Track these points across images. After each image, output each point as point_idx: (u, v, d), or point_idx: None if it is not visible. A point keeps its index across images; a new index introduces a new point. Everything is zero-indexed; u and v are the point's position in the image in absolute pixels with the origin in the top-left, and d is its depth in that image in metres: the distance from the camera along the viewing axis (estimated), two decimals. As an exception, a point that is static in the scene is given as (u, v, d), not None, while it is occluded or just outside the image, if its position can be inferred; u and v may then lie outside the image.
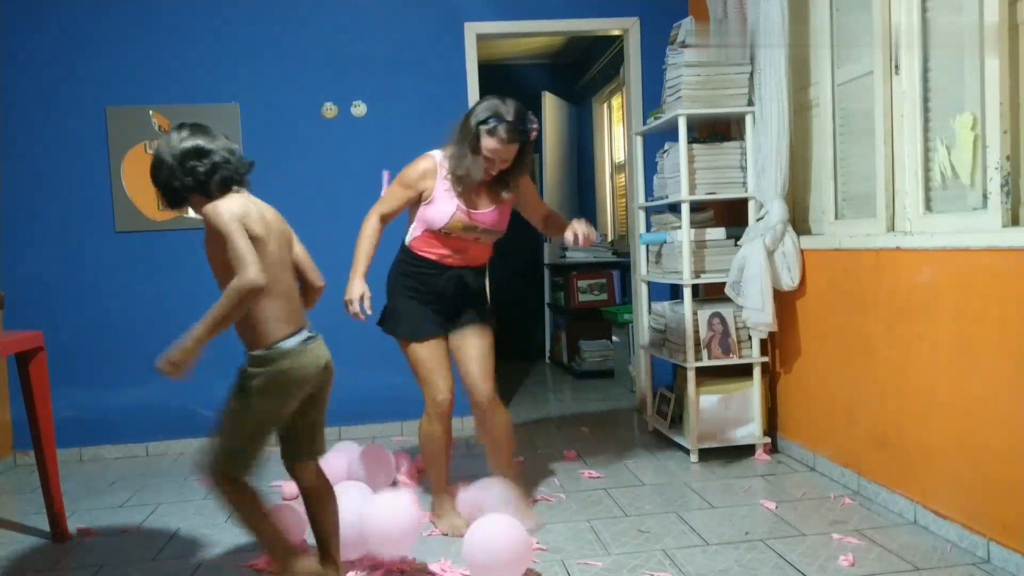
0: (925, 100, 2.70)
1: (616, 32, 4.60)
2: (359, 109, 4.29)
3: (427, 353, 2.76)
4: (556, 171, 6.64)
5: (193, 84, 4.19)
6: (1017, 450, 2.24)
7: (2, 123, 4.10)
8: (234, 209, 1.95)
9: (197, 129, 2.03)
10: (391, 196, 2.77)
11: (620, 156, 6.26)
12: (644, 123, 4.29)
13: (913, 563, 2.38)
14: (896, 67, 2.81)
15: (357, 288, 2.66)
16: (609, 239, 6.46)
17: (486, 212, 2.78)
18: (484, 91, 4.43)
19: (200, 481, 2.38)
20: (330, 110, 4.28)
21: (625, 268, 5.67)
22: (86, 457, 4.16)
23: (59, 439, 3.09)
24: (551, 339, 6.77)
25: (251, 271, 1.86)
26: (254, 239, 1.94)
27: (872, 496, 2.94)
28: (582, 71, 6.90)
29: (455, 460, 3.44)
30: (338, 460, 3.37)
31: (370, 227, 2.75)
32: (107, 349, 4.16)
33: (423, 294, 2.78)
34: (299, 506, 2.79)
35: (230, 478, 2.04)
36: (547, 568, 2.47)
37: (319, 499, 2.25)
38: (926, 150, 2.70)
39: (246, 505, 2.05)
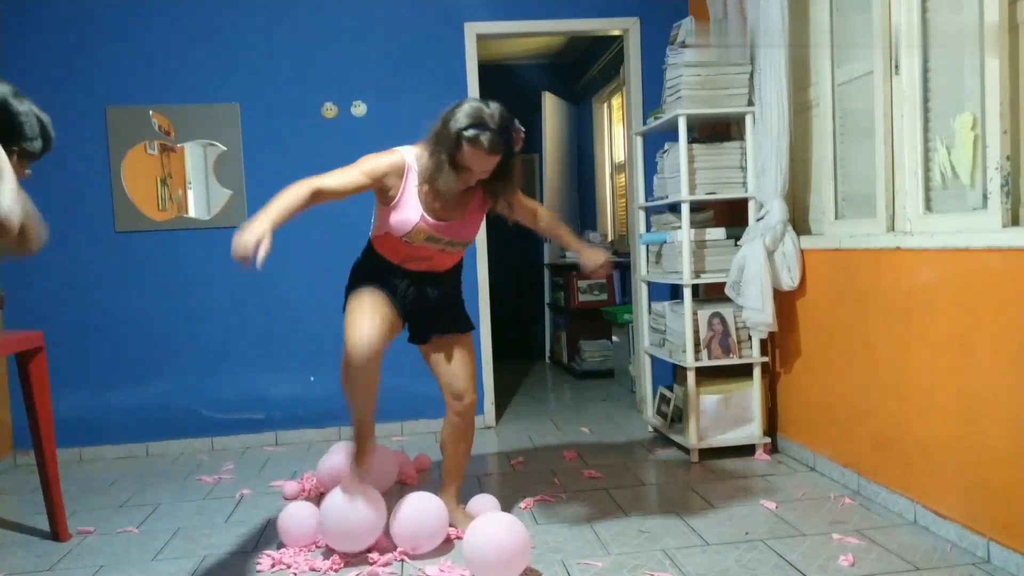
0: (925, 100, 2.70)
1: (616, 32, 4.60)
2: (359, 109, 4.29)
3: (361, 302, 2.51)
4: (556, 171, 6.64)
5: (193, 84, 4.19)
6: (1017, 450, 2.24)
7: (2, 123, 4.09)
8: None
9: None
10: (342, 175, 2.40)
11: (620, 156, 6.26)
12: (644, 123, 4.29)
13: (913, 563, 2.38)
14: (896, 67, 2.81)
15: (258, 228, 2.11)
16: (609, 239, 6.45)
17: (453, 224, 2.53)
18: (484, 91, 4.45)
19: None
20: (330, 110, 4.28)
21: (625, 268, 5.66)
22: (86, 457, 4.16)
23: (59, 439, 3.09)
24: (551, 339, 6.77)
25: None
26: None
27: (872, 496, 2.93)
28: (582, 71, 6.90)
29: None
30: (342, 461, 3.36)
31: (300, 190, 2.31)
32: (107, 349, 4.16)
33: (382, 284, 2.59)
34: (300, 507, 2.79)
35: None
36: (547, 568, 2.47)
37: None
38: (926, 150, 2.70)
39: None
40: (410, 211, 2.47)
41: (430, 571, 2.48)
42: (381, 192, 2.49)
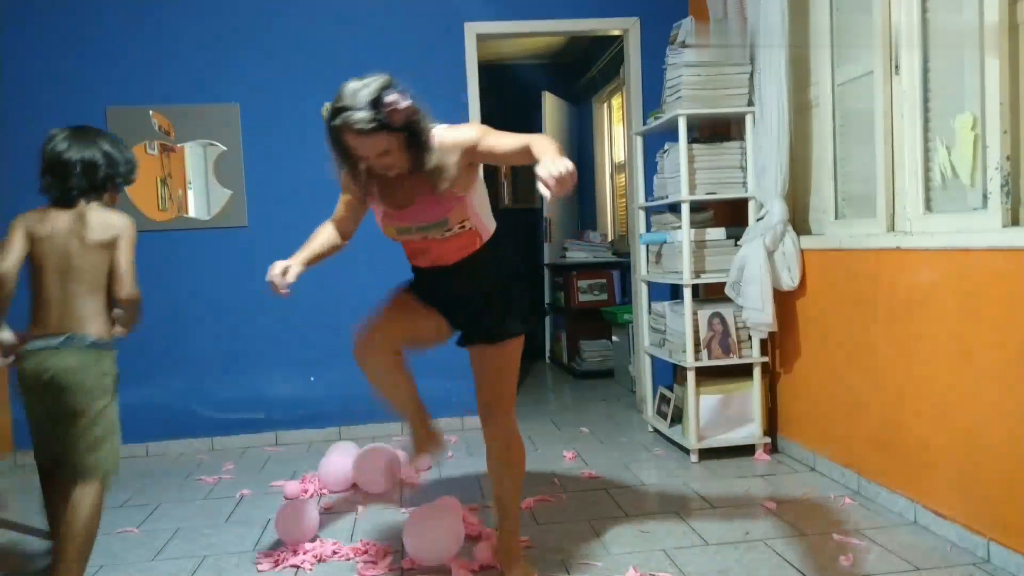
0: (925, 100, 2.70)
1: (616, 32, 4.60)
2: (359, 109, 4.28)
3: (382, 301, 2.39)
4: (556, 171, 6.63)
5: (193, 84, 4.19)
6: (1017, 450, 2.24)
7: (2, 123, 4.10)
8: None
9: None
10: (339, 201, 2.39)
11: (620, 156, 6.26)
12: (644, 123, 4.29)
13: (913, 563, 2.38)
14: (896, 67, 2.81)
15: (282, 262, 2.17)
16: (609, 239, 6.46)
17: (412, 208, 2.20)
18: (484, 91, 4.47)
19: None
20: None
21: (625, 268, 5.67)
22: (86, 457, 4.16)
23: (59, 439, 3.09)
24: (551, 339, 6.77)
25: None
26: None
27: (872, 496, 2.93)
28: (582, 71, 6.90)
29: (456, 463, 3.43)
30: (342, 461, 3.37)
31: (322, 227, 2.36)
32: (107, 349, 4.15)
33: (416, 288, 2.44)
34: (296, 505, 2.79)
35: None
36: (547, 568, 2.47)
37: None
38: (926, 150, 2.70)
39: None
40: (376, 208, 2.30)
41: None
42: (366, 201, 2.35)
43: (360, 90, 2.10)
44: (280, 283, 2.12)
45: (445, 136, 2.15)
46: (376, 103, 2.06)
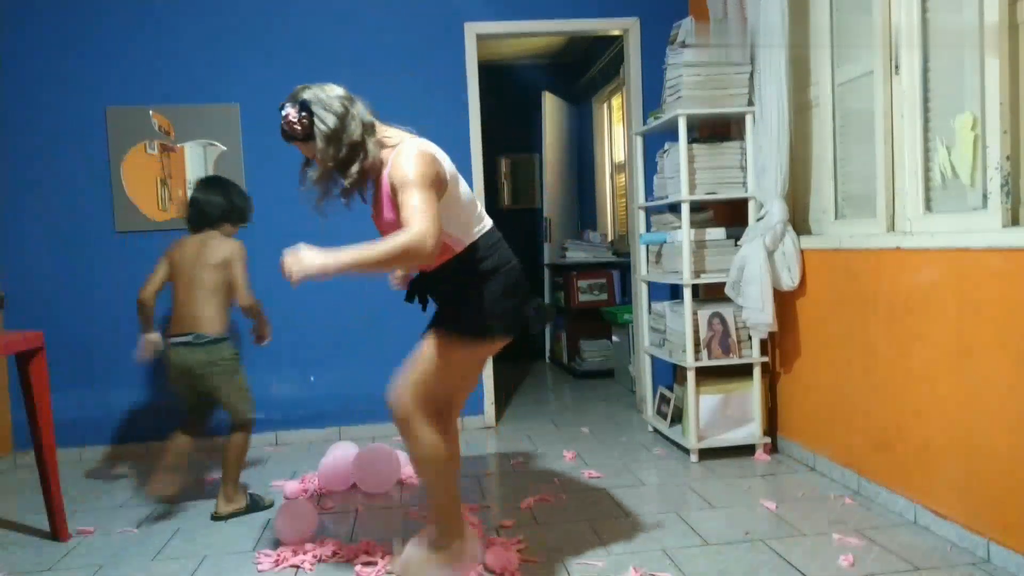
0: (925, 100, 2.70)
1: (616, 32, 4.61)
2: (359, 109, 4.28)
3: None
4: (556, 171, 6.65)
5: (193, 84, 4.19)
6: (1017, 450, 2.24)
7: (2, 123, 4.10)
8: None
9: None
10: None
11: (620, 156, 6.26)
12: (644, 123, 4.29)
13: (913, 563, 2.38)
14: (896, 67, 2.81)
15: (318, 261, 2.01)
16: (609, 239, 6.46)
17: (378, 213, 2.28)
18: (484, 91, 4.47)
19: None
20: (330, 110, 4.27)
21: (625, 268, 5.67)
22: (86, 457, 4.16)
23: (59, 439, 3.09)
24: (551, 339, 6.77)
25: None
26: None
27: (872, 496, 2.93)
28: (582, 71, 6.90)
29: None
30: (342, 461, 3.37)
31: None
32: (107, 349, 4.16)
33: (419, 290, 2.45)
34: (297, 505, 2.79)
35: None
36: (547, 568, 2.47)
37: None
38: (926, 150, 2.70)
39: None
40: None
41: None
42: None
43: (290, 98, 2.18)
44: (297, 280, 1.99)
45: (397, 159, 2.14)
46: (283, 109, 2.17)
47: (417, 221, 1.99)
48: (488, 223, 2.37)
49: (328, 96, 2.18)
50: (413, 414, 2.27)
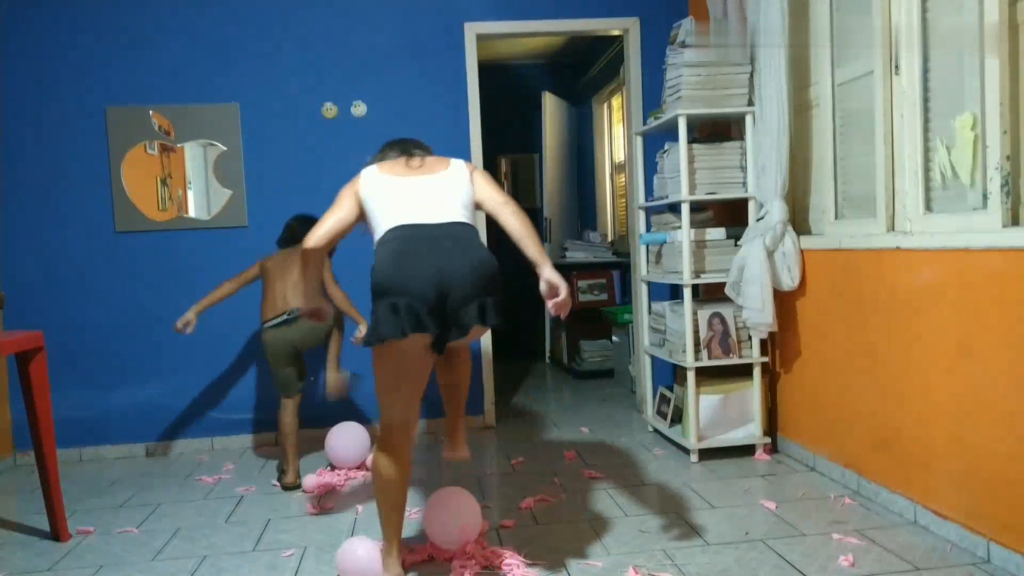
0: (925, 100, 2.70)
1: (616, 32, 4.60)
2: (359, 109, 4.29)
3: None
4: (556, 171, 6.64)
5: (193, 84, 4.19)
6: (1017, 450, 2.24)
7: (2, 123, 4.10)
8: None
9: None
10: None
11: (620, 156, 6.26)
12: (644, 123, 4.29)
13: (913, 563, 2.38)
14: (896, 67, 2.81)
15: None
16: (609, 239, 6.46)
17: None
18: (484, 91, 4.47)
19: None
20: (330, 110, 4.28)
21: (625, 268, 5.67)
22: (86, 457, 4.16)
23: (59, 439, 3.10)
24: (551, 339, 6.77)
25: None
26: None
27: (872, 496, 2.94)
28: (582, 71, 6.90)
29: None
30: (354, 437, 3.38)
31: None
32: (107, 349, 4.16)
33: None
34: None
35: None
36: (548, 568, 2.47)
37: None
38: (926, 150, 2.70)
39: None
40: None
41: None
42: None
43: None
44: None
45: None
46: None
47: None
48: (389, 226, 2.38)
49: None
50: (381, 420, 2.39)
